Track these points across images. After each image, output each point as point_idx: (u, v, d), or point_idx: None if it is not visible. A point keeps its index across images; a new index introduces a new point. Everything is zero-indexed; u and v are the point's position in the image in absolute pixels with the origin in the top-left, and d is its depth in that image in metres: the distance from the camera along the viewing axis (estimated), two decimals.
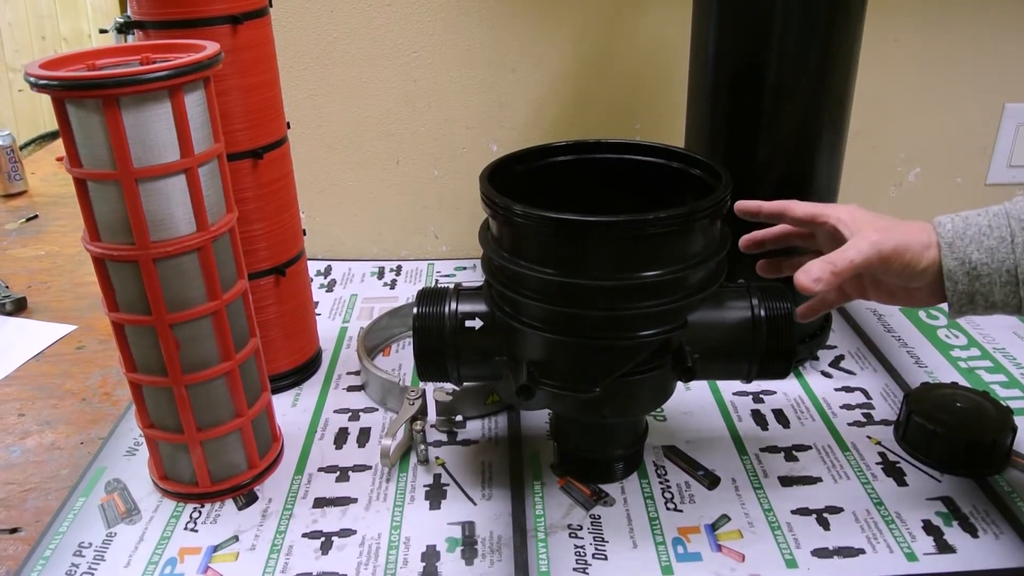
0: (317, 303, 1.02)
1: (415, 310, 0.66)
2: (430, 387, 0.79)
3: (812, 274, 0.60)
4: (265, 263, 0.80)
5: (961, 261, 0.58)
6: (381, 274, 1.12)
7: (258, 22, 0.73)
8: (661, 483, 0.71)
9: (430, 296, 0.67)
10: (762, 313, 0.64)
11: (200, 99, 0.61)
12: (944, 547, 0.64)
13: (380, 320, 0.93)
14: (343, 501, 0.70)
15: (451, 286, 0.68)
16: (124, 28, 0.74)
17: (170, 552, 0.65)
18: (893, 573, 0.62)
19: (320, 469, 0.74)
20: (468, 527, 0.67)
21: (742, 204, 0.67)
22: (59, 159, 1.66)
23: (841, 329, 0.95)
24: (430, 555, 0.64)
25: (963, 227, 0.59)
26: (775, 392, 0.83)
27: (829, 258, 0.60)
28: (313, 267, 1.11)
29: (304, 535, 0.66)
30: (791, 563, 0.62)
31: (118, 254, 0.61)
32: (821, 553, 0.63)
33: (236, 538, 0.66)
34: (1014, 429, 0.72)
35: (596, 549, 0.64)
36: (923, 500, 0.68)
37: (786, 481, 0.71)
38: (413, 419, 0.75)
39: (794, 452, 0.75)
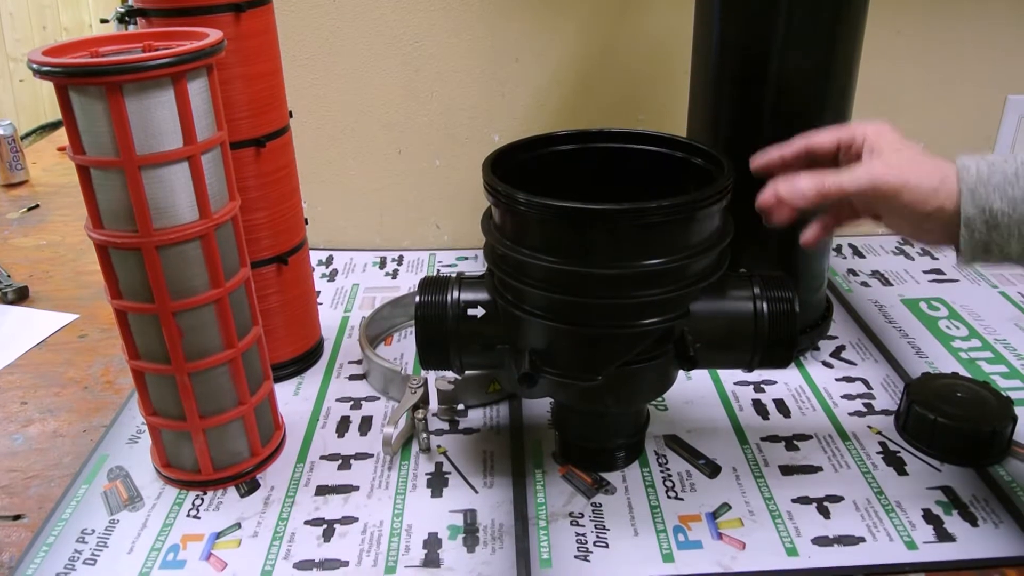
0: (319, 292, 1.02)
1: (417, 298, 0.66)
2: (432, 376, 0.79)
3: (796, 185, 0.59)
4: (267, 252, 0.80)
5: (981, 209, 0.54)
6: (383, 264, 1.12)
7: (260, 10, 0.73)
8: (662, 472, 0.71)
9: (432, 284, 0.67)
10: (764, 302, 0.64)
11: (203, 87, 0.61)
12: (944, 536, 0.64)
13: (382, 310, 0.93)
14: (345, 489, 0.70)
15: (453, 275, 0.68)
16: (125, 18, 0.74)
17: (173, 539, 0.65)
18: (893, 561, 0.62)
19: (322, 457, 0.74)
20: (470, 515, 0.67)
21: (758, 160, 0.63)
22: (61, 149, 1.66)
23: (842, 320, 0.95)
24: (432, 542, 0.64)
25: (988, 173, 0.55)
26: (776, 382, 0.84)
27: (822, 175, 0.58)
28: (315, 257, 1.11)
29: (306, 522, 0.67)
30: (791, 551, 0.63)
31: (121, 241, 0.61)
32: (821, 541, 0.64)
33: (238, 525, 0.66)
34: (1014, 419, 0.72)
35: (597, 537, 0.64)
36: (923, 489, 0.69)
37: (787, 470, 0.71)
38: (415, 408, 0.75)
39: (795, 441, 0.75)
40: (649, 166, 0.71)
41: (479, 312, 0.66)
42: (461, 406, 0.80)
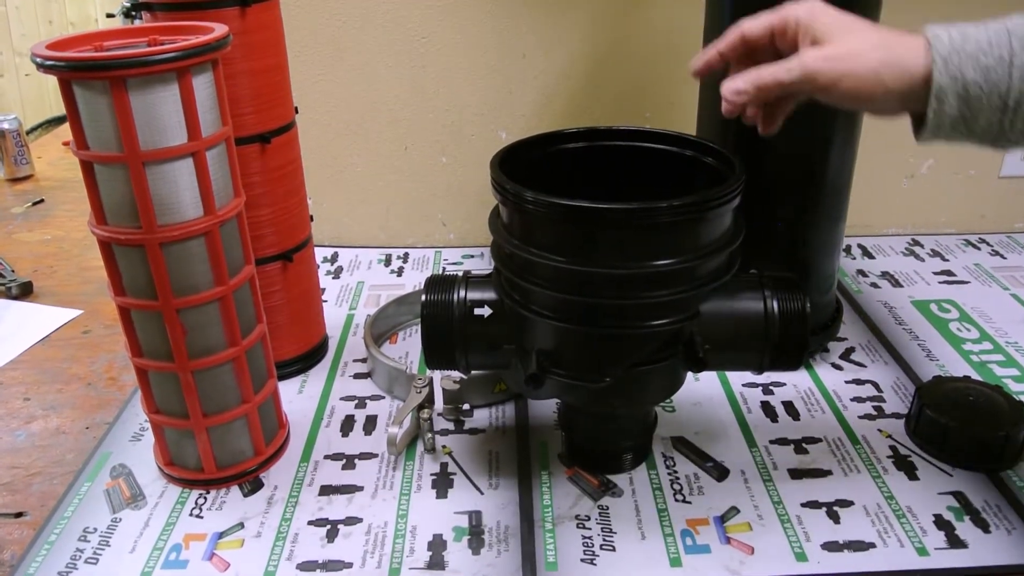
0: (324, 290, 1.02)
1: (423, 297, 0.66)
2: (437, 375, 0.79)
3: (735, 84, 0.57)
4: (272, 249, 0.79)
5: (954, 78, 0.51)
6: (388, 261, 1.11)
7: (266, 5, 0.72)
8: (670, 474, 0.71)
9: (439, 283, 0.66)
10: (774, 304, 0.63)
11: (208, 82, 0.60)
12: (955, 542, 0.63)
13: (387, 308, 0.93)
14: (349, 489, 0.69)
15: (460, 273, 0.68)
16: (131, 12, 0.73)
17: (175, 538, 0.65)
18: (904, 568, 0.61)
19: (326, 456, 0.73)
20: (475, 516, 0.66)
21: (697, 63, 0.61)
22: (65, 143, 1.65)
23: (852, 322, 0.94)
24: (437, 544, 0.64)
25: (960, 41, 0.52)
26: (785, 384, 0.83)
27: (759, 71, 0.56)
28: (320, 254, 1.11)
29: (310, 523, 0.66)
30: (800, 556, 0.62)
31: (124, 238, 0.60)
32: (831, 547, 0.63)
33: (241, 525, 0.66)
34: None
35: (604, 540, 0.64)
36: (934, 494, 0.68)
37: (796, 474, 0.70)
38: (420, 407, 0.74)
39: (804, 445, 0.74)
40: (658, 165, 0.70)
41: (486, 312, 0.65)
42: (467, 406, 0.79)
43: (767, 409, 0.79)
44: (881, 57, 0.53)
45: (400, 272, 1.08)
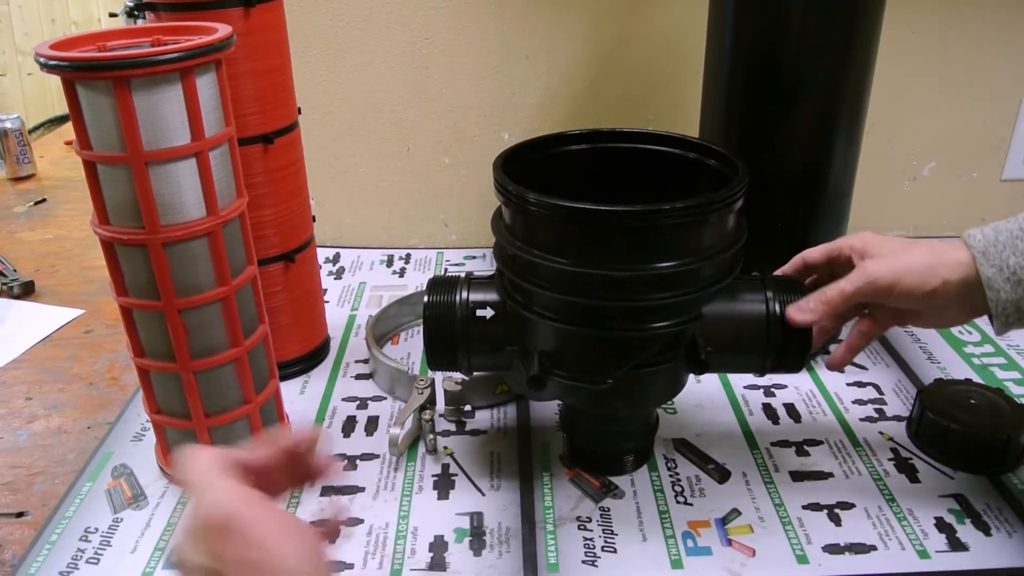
0: (326, 290, 1.02)
1: (425, 298, 0.66)
2: (439, 376, 0.79)
3: (802, 306, 0.61)
4: (274, 249, 0.79)
5: (999, 268, 0.55)
6: (390, 262, 1.11)
7: (270, 6, 0.73)
8: (671, 476, 0.70)
9: (441, 284, 0.66)
10: (777, 306, 0.63)
11: (211, 82, 0.60)
12: (956, 545, 0.63)
13: (389, 308, 0.93)
14: (350, 490, 0.69)
15: (462, 275, 0.68)
16: (134, 12, 0.73)
17: (176, 538, 0.65)
18: (905, 570, 0.61)
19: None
20: (476, 518, 0.66)
21: None
22: (68, 142, 1.65)
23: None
24: (438, 545, 0.63)
25: (994, 235, 0.57)
26: (786, 386, 0.83)
27: (823, 289, 0.61)
28: (322, 254, 1.11)
29: (311, 523, 0.65)
30: (802, 559, 0.62)
31: (127, 238, 0.60)
32: (832, 549, 0.63)
33: None
34: None
35: (605, 542, 0.64)
36: (936, 497, 0.68)
37: (797, 476, 0.70)
38: (422, 408, 0.74)
39: (805, 447, 0.74)
40: (661, 167, 0.70)
41: (488, 313, 0.65)
42: (468, 407, 0.79)
43: (768, 411, 0.79)
44: (932, 256, 0.58)
45: (402, 273, 1.08)
